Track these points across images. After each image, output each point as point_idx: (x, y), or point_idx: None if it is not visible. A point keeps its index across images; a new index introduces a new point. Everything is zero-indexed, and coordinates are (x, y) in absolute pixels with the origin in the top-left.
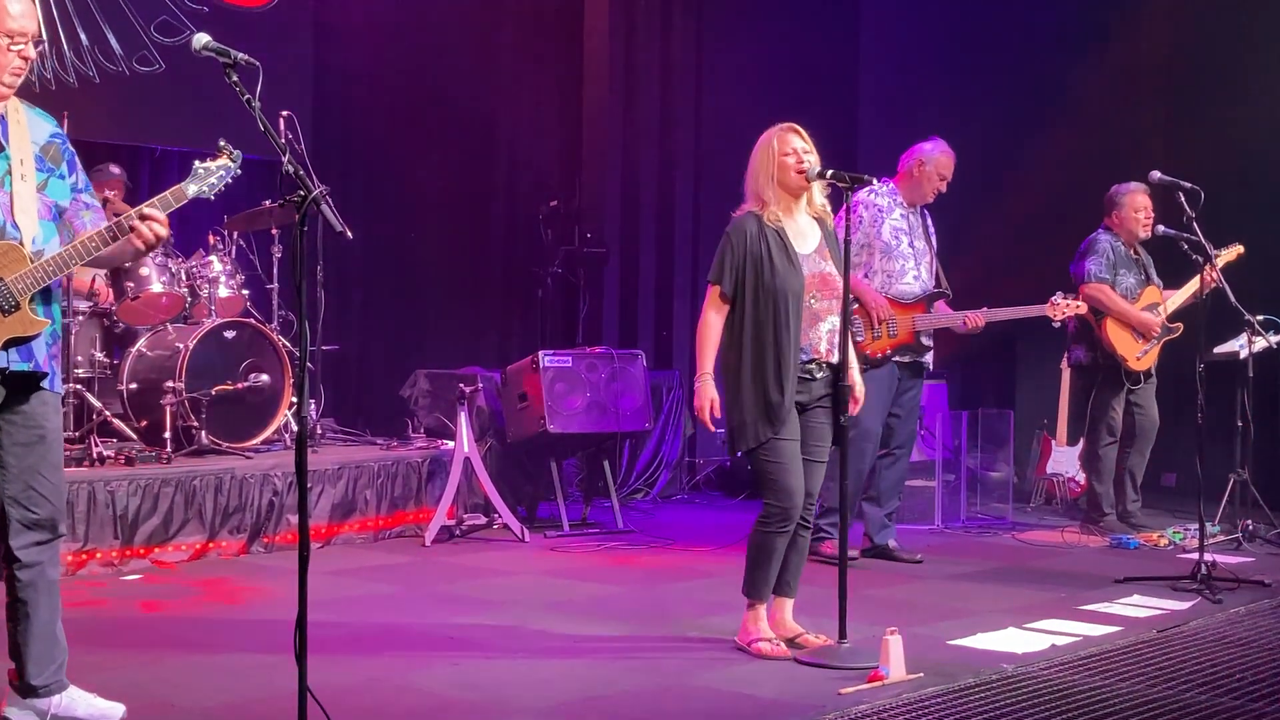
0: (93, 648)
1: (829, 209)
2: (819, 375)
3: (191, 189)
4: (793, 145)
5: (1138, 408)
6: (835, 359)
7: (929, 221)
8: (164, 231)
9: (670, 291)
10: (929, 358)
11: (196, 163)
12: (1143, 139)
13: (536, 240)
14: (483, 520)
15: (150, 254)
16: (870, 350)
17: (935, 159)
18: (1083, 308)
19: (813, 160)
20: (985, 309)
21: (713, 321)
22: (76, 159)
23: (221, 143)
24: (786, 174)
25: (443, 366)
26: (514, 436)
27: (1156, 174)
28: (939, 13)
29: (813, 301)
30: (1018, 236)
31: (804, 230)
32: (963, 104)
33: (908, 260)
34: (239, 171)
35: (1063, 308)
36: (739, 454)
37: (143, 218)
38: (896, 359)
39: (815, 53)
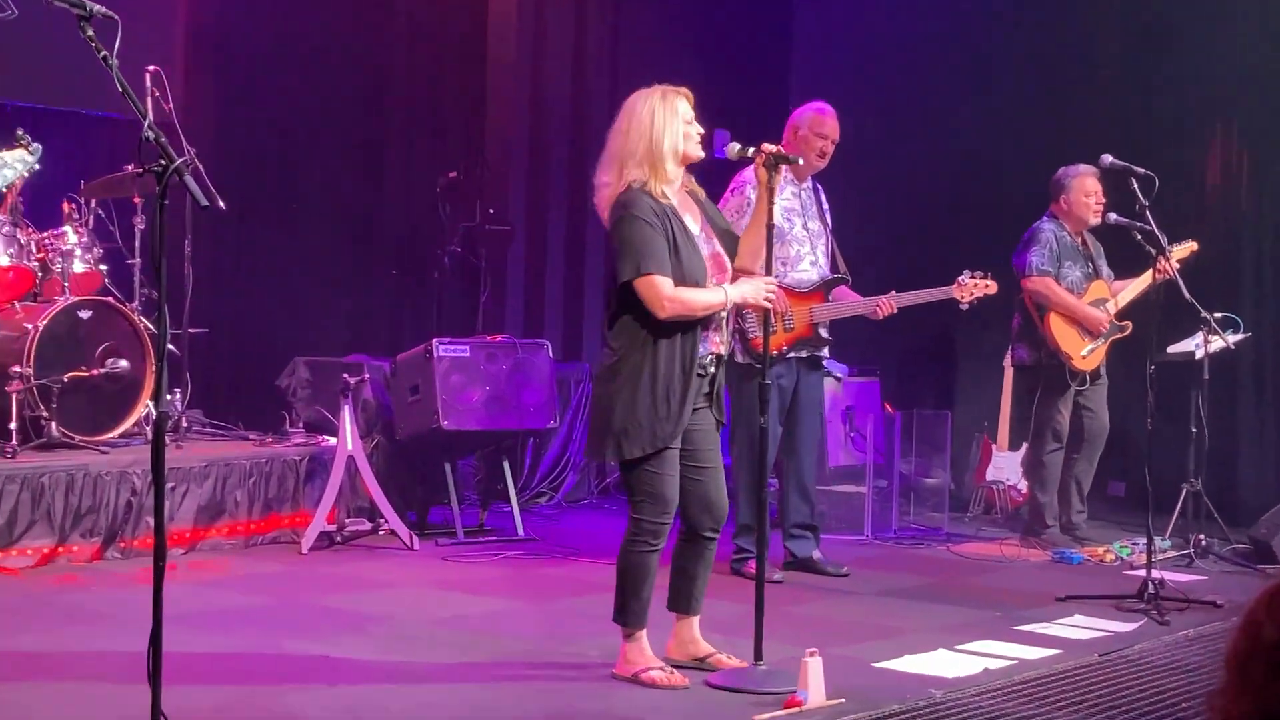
0: None
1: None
2: (711, 370)
3: None
4: (690, 112)
5: (1086, 411)
6: (724, 350)
7: (822, 197)
8: None
9: (581, 275)
10: (826, 350)
11: None
12: (1095, 120)
13: (433, 216)
14: (367, 526)
15: None
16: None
17: (808, 119)
18: (992, 287)
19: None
20: (894, 293)
21: (681, 295)
22: None
23: (19, 132)
24: (693, 147)
25: (325, 354)
26: (404, 433)
27: (1108, 158)
28: None
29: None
30: (963, 224)
31: (683, 202)
32: (903, 78)
33: (803, 244)
34: (38, 166)
35: (969, 288)
36: (616, 461)
37: None
38: (793, 354)
39: (743, 13)
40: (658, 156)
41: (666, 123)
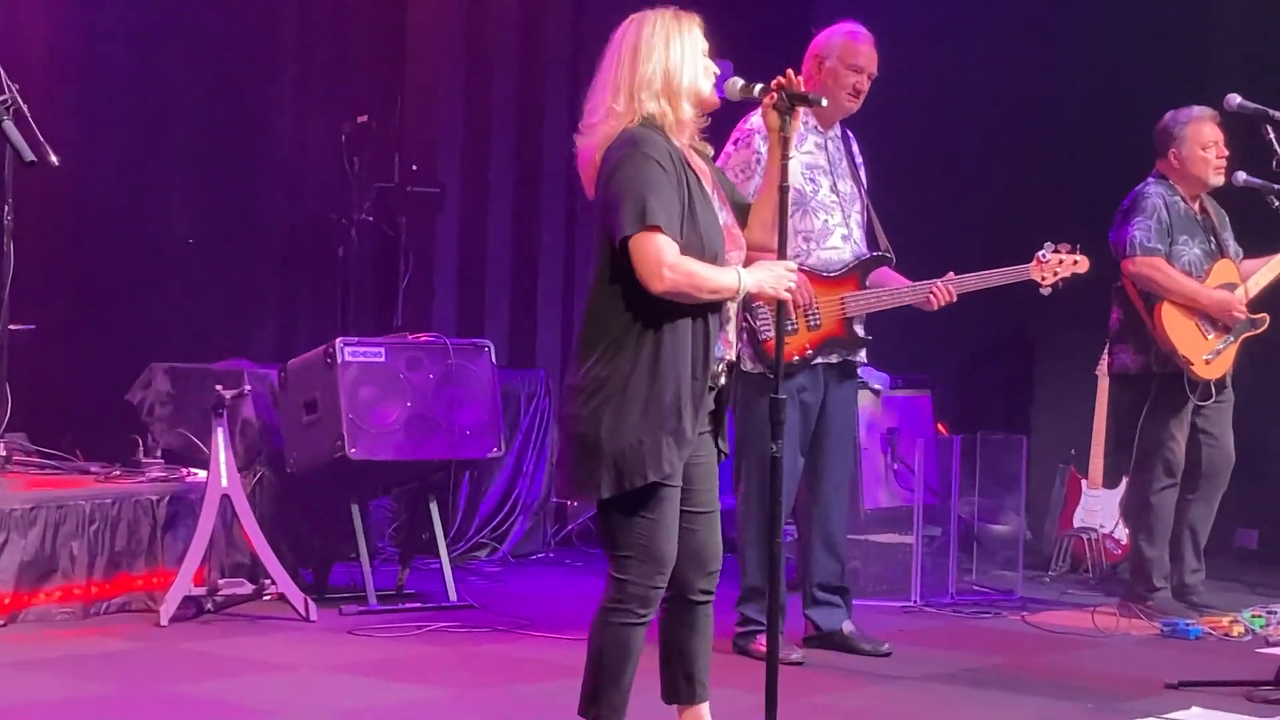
0: None
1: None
2: (722, 382)
3: None
4: (705, 44)
5: (1206, 436)
6: (733, 355)
7: (854, 148)
8: None
9: (535, 253)
10: (863, 354)
11: None
12: (1215, 49)
13: (337, 173)
14: (248, 589)
15: None
16: (784, 352)
17: (838, 45)
18: (1082, 264)
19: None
20: (951, 275)
21: (687, 265)
22: None
23: None
24: (707, 84)
25: (192, 359)
26: (297, 464)
27: (1236, 98)
28: None
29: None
30: (1037, 187)
31: (696, 168)
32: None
33: (831, 213)
34: None
35: (1052, 265)
36: (610, 496)
37: None
38: (820, 360)
39: None
40: (674, 92)
41: (686, 51)
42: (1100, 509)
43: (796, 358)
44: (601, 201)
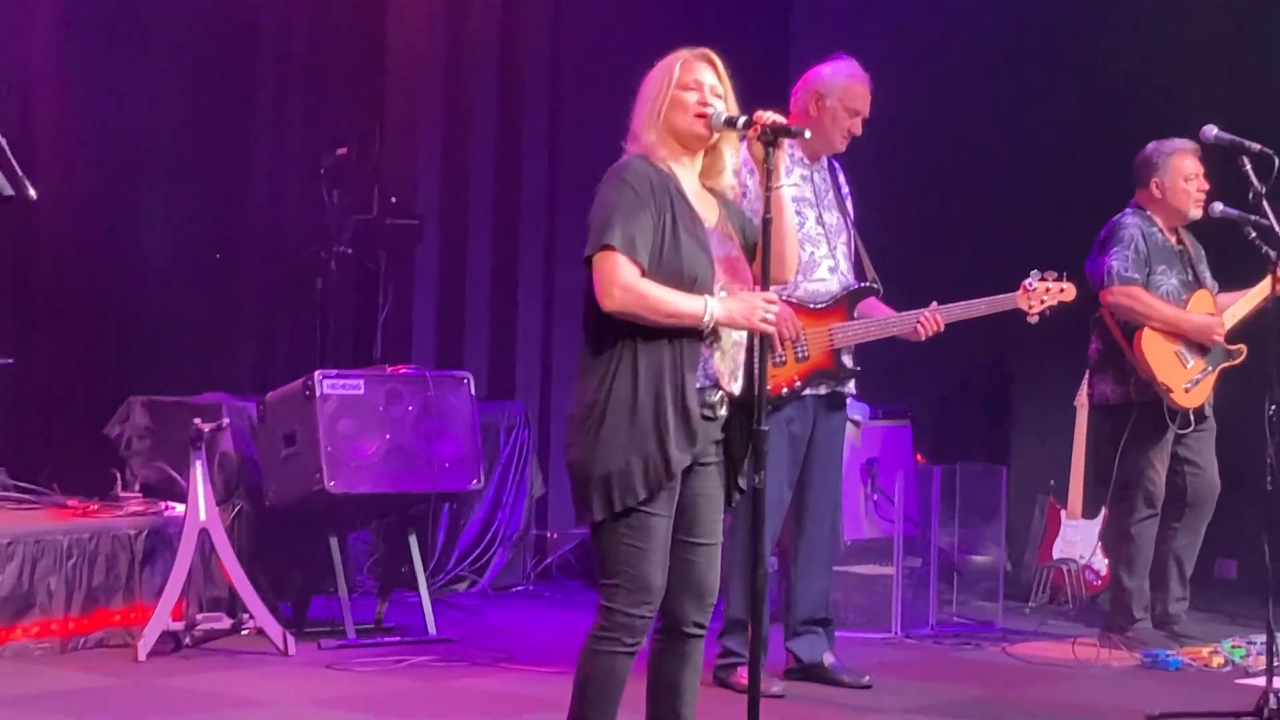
0: None
1: (733, 181)
2: (721, 413)
3: None
4: (699, 78)
5: (1189, 465)
6: (737, 388)
7: (841, 180)
8: None
9: (514, 285)
10: (852, 385)
11: None
12: (1189, 85)
13: (316, 206)
14: (226, 623)
15: None
16: (772, 384)
17: (840, 87)
18: (1069, 292)
19: (720, 107)
20: (936, 306)
21: (641, 286)
22: None
23: None
24: (681, 115)
25: (170, 392)
26: (276, 498)
27: (1213, 129)
28: None
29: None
30: (1007, 221)
31: (700, 194)
32: (932, 27)
33: (818, 244)
34: None
35: (1039, 294)
36: (600, 519)
37: None
38: (809, 391)
39: None
40: (642, 125)
41: (657, 89)
42: (1079, 540)
43: (785, 390)
44: None
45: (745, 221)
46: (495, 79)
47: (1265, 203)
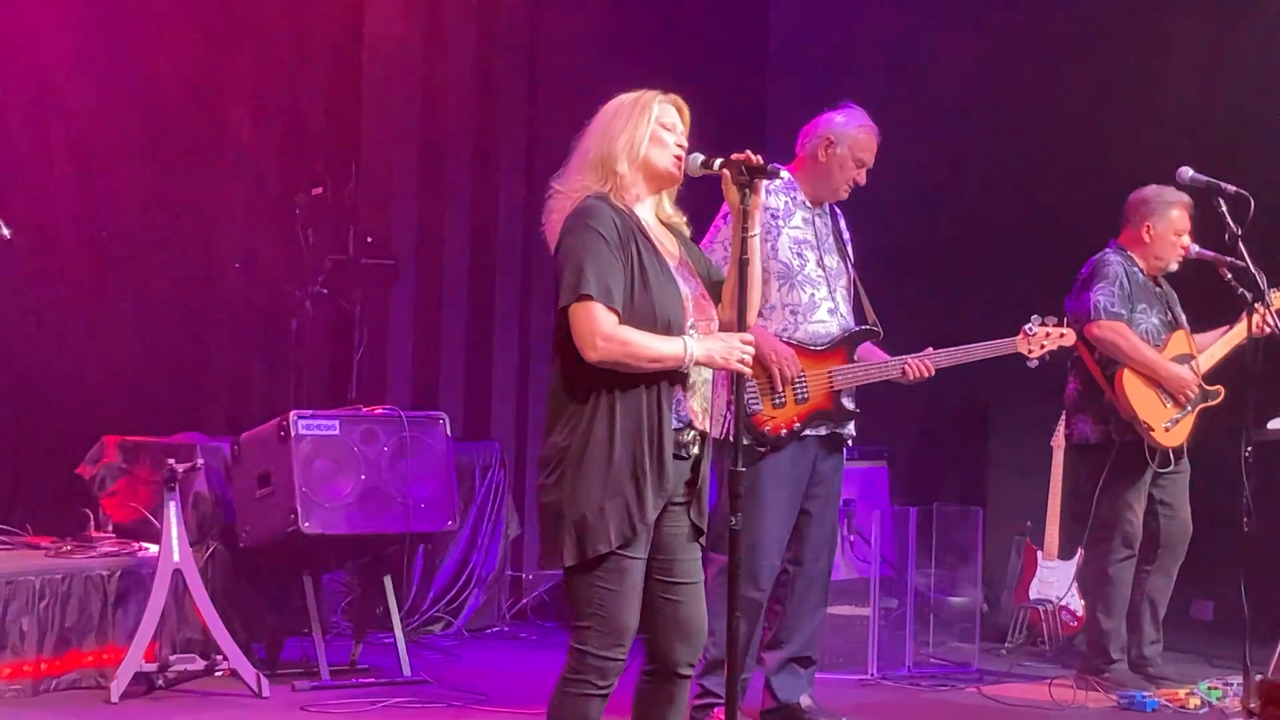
0: None
1: (684, 218)
2: (694, 451)
3: None
4: (674, 121)
5: (1164, 507)
6: (709, 425)
7: (842, 225)
8: None
9: (490, 325)
10: (851, 426)
11: None
12: (1166, 120)
13: (291, 245)
14: (199, 665)
15: None
16: (772, 425)
17: (851, 136)
18: (1069, 337)
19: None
20: (931, 351)
21: (623, 334)
22: None
23: None
24: (661, 153)
25: (144, 432)
26: (251, 538)
27: (1188, 171)
28: None
29: (691, 335)
30: (990, 259)
31: (660, 230)
32: (911, 68)
33: (818, 287)
34: None
35: (1039, 338)
36: (571, 564)
37: None
38: (809, 432)
39: None
40: (613, 158)
41: (635, 125)
42: (1056, 580)
43: (784, 431)
44: (557, 278)
45: (704, 258)
46: (471, 118)
47: (1241, 244)
